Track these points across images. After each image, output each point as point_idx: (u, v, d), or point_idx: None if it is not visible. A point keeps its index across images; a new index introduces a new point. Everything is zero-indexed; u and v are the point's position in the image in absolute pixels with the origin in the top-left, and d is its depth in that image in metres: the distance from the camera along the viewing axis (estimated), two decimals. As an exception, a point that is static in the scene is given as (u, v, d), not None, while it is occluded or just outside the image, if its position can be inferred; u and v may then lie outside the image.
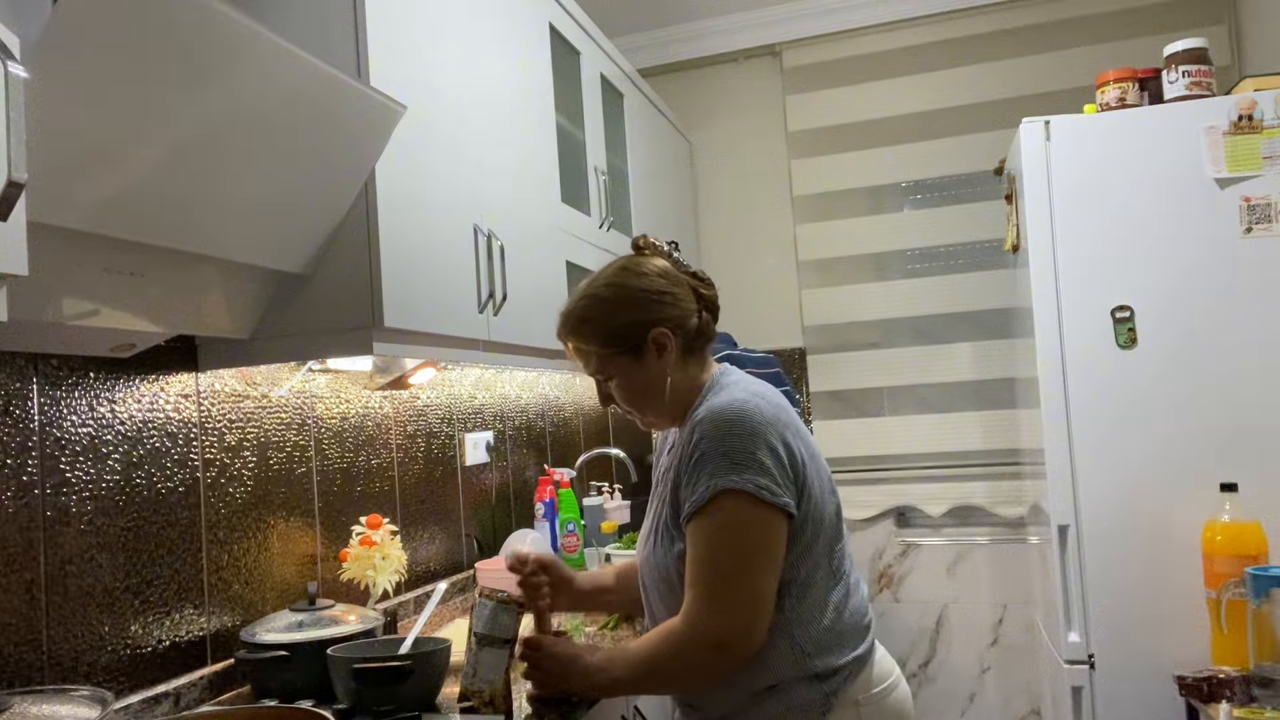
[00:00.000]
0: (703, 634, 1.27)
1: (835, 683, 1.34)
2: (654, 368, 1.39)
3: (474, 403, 2.71)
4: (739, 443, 1.27)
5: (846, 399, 3.66)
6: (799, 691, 1.33)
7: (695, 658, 1.28)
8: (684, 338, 1.41)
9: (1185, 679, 2.08)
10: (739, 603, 1.26)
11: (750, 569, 1.27)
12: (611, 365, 1.40)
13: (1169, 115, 2.34)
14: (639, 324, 1.38)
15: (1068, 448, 2.36)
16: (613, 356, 1.40)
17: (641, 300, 1.39)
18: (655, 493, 1.49)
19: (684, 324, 1.40)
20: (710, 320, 1.45)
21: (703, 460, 1.28)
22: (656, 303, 1.39)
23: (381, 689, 1.47)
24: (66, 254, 1.23)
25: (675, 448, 1.41)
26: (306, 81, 1.40)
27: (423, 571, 2.38)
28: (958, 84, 3.57)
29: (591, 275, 1.47)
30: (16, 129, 0.90)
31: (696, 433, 1.31)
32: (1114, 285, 2.35)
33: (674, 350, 1.39)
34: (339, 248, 1.65)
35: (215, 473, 1.75)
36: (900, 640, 3.54)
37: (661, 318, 1.39)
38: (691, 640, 1.28)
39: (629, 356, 1.39)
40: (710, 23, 3.84)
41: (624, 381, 1.41)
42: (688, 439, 1.33)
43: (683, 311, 1.41)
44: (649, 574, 1.43)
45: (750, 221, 3.85)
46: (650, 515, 1.48)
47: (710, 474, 1.27)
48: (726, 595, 1.27)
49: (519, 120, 2.30)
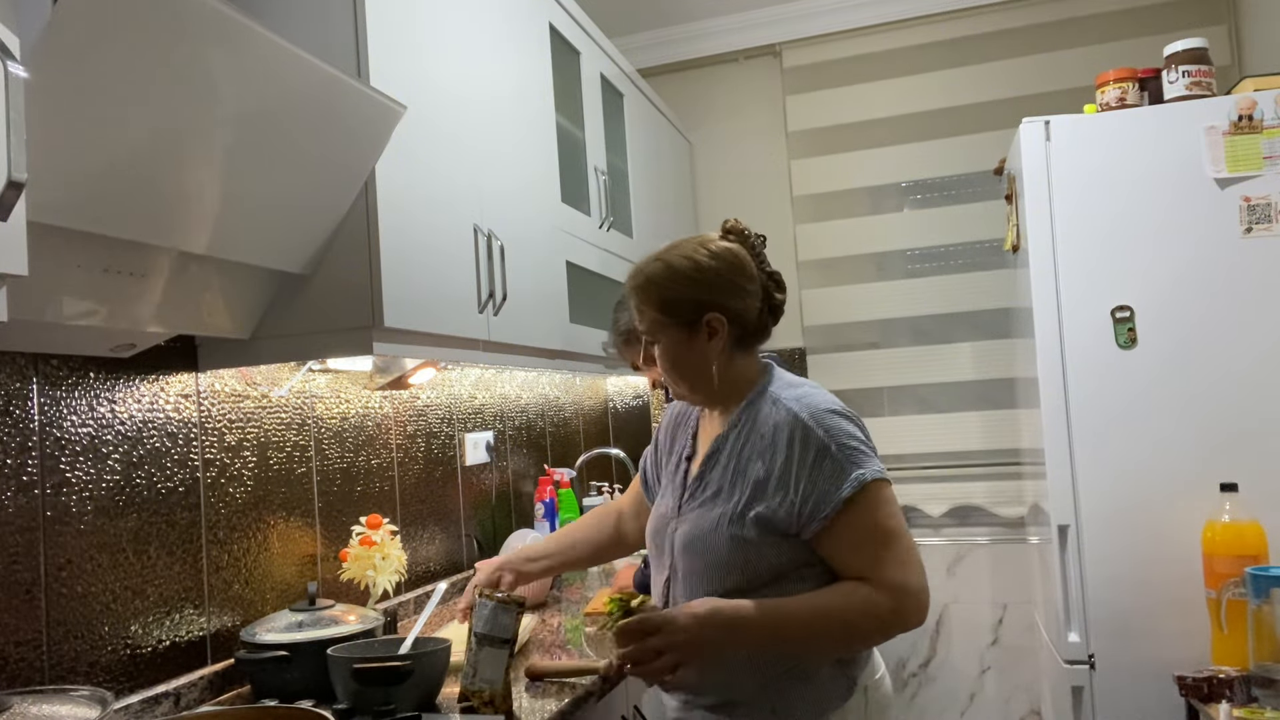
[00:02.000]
0: (904, 591, 1.31)
1: (855, 668, 1.40)
2: (701, 348, 1.42)
3: (474, 403, 2.71)
4: (852, 440, 1.36)
5: (847, 399, 3.61)
6: (824, 676, 1.38)
7: (892, 613, 1.32)
8: (738, 330, 1.44)
9: (1185, 679, 2.08)
10: (919, 565, 1.35)
11: (910, 538, 1.36)
12: (662, 332, 1.44)
13: (1169, 115, 2.34)
14: (699, 303, 1.41)
15: (1068, 448, 2.36)
16: (665, 325, 1.43)
17: (709, 281, 1.42)
18: (707, 477, 1.46)
19: (742, 317, 1.43)
20: (771, 322, 1.49)
21: (829, 458, 1.34)
22: (722, 289, 1.42)
23: (381, 689, 1.47)
24: (66, 254, 1.23)
25: (740, 440, 1.42)
26: (306, 81, 1.40)
27: (423, 571, 2.38)
28: (958, 84, 3.57)
29: (676, 241, 1.49)
30: (16, 129, 0.90)
31: (800, 431, 1.36)
32: (1114, 285, 2.35)
33: (724, 338, 1.42)
34: (339, 248, 1.66)
35: (215, 473, 1.75)
36: (900, 640, 3.52)
37: (722, 304, 1.42)
38: (897, 595, 1.31)
39: (681, 329, 1.43)
40: (710, 23, 3.84)
41: (668, 351, 1.45)
42: (788, 441, 1.36)
43: (745, 305, 1.43)
44: (692, 544, 1.41)
45: (750, 221, 3.78)
46: (690, 494, 1.47)
47: (845, 468, 1.33)
48: (911, 559, 1.34)
49: (519, 120, 2.30)
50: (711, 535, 1.39)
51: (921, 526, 3.57)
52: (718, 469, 1.44)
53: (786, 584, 1.36)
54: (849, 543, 1.34)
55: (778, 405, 1.40)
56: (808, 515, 1.33)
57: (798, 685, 1.37)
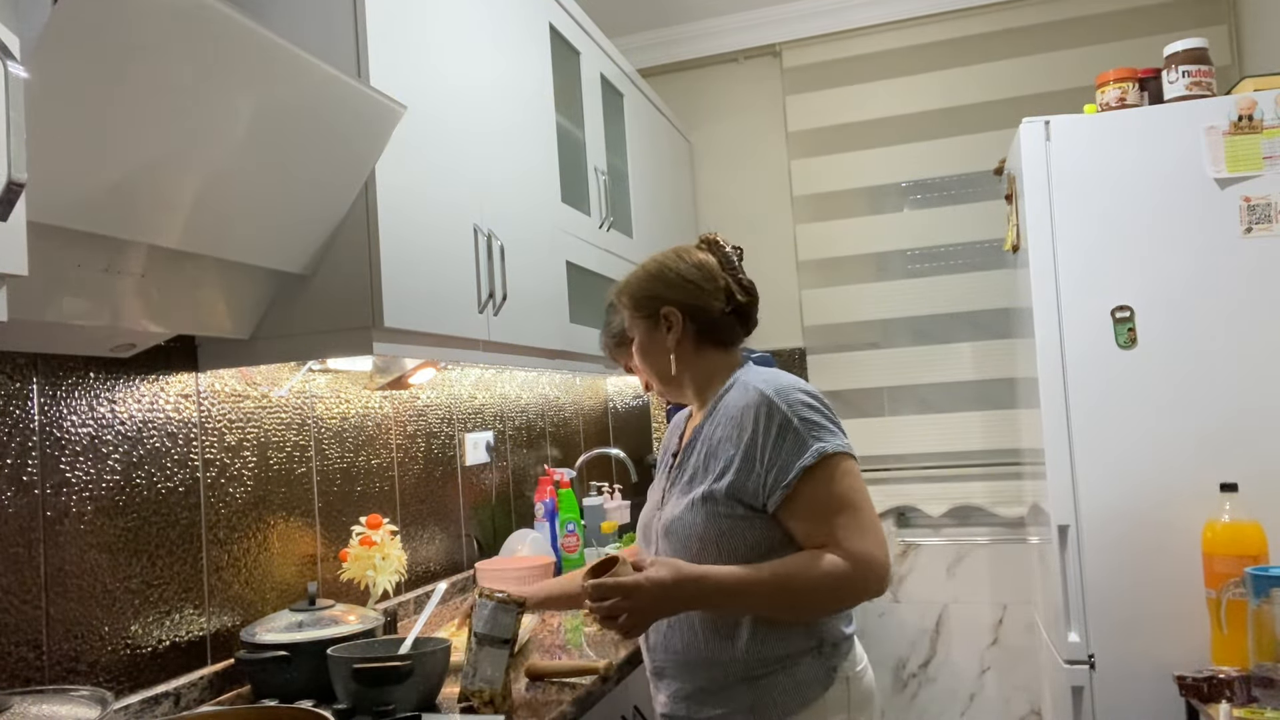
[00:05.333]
0: (864, 559, 1.36)
1: (836, 658, 1.44)
2: (660, 339, 1.56)
3: (474, 403, 2.71)
4: (815, 415, 1.43)
5: (846, 399, 3.66)
6: (804, 665, 1.42)
7: (851, 580, 1.36)
8: (697, 325, 1.55)
9: (1185, 679, 2.08)
10: (880, 536, 1.40)
11: (873, 510, 1.42)
12: (634, 326, 1.61)
13: (1169, 115, 2.34)
14: (658, 298, 1.56)
15: (1068, 448, 2.36)
16: (635, 319, 1.60)
17: (670, 280, 1.56)
18: (685, 464, 1.54)
19: (699, 314, 1.54)
20: (734, 321, 1.57)
21: (791, 431, 1.40)
22: (679, 286, 1.55)
23: (381, 689, 1.47)
24: (66, 254, 1.23)
25: (713, 426, 1.50)
26: (306, 81, 1.40)
27: (423, 571, 2.38)
28: (958, 84, 3.57)
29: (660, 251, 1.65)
30: (16, 129, 0.90)
31: (765, 407, 1.42)
32: (1114, 285, 2.35)
33: (680, 331, 1.55)
34: (339, 248, 1.66)
35: (215, 473, 1.75)
36: (900, 640, 3.54)
37: (678, 300, 1.55)
38: (857, 563, 1.36)
39: (646, 322, 1.58)
40: (710, 23, 3.84)
41: (638, 345, 1.61)
42: (754, 418, 1.42)
43: (703, 303, 1.55)
44: (672, 526, 1.48)
45: (750, 221, 3.85)
46: (672, 483, 1.55)
47: (806, 440, 1.40)
48: (871, 529, 1.39)
49: (519, 120, 2.30)
50: (688, 515, 1.45)
51: (921, 526, 3.57)
52: (694, 456, 1.51)
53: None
54: (810, 512, 1.39)
55: (747, 389, 1.48)
56: (770, 485, 1.40)
57: (778, 675, 1.41)
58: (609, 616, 1.34)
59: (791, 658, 1.42)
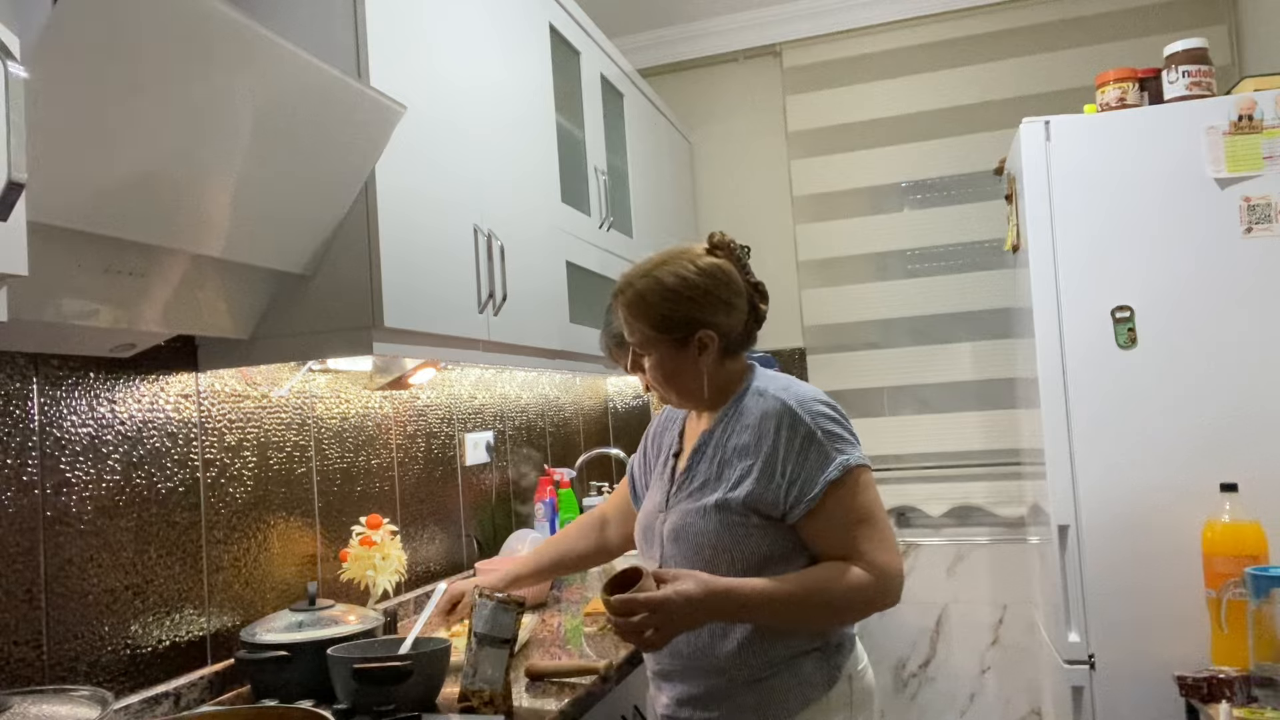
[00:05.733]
0: (886, 571, 1.38)
1: (840, 657, 1.45)
2: (692, 361, 1.47)
3: (474, 403, 2.71)
4: (836, 426, 1.42)
5: (847, 399, 3.66)
6: (809, 665, 1.42)
7: (875, 591, 1.37)
8: (727, 342, 1.48)
9: (1185, 679, 2.08)
10: (898, 551, 1.42)
11: (889, 522, 1.44)
12: (653, 346, 1.49)
13: (1169, 115, 2.34)
14: (691, 320, 1.46)
15: (1068, 448, 2.36)
16: (656, 340, 1.48)
17: (700, 299, 1.46)
18: (694, 469, 1.50)
19: (731, 332, 1.48)
20: (756, 330, 1.54)
21: (815, 444, 1.39)
22: (712, 305, 1.46)
23: (381, 689, 1.47)
24: (66, 254, 1.23)
25: (726, 432, 1.47)
26: (306, 81, 1.40)
27: (423, 571, 2.38)
28: (958, 84, 3.57)
29: (661, 253, 1.52)
30: (16, 129, 0.90)
31: (788, 418, 1.41)
32: (1114, 285, 2.34)
33: (714, 351, 1.47)
34: (339, 248, 1.66)
35: (215, 473, 1.75)
36: (900, 640, 3.54)
37: (712, 321, 1.46)
38: (880, 575, 1.37)
39: (672, 344, 1.47)
40: (710, 23, 3.84)
41: (659, 363, 1.49)
42: (775, 428, 1.41)
43: (734, 320, 1.48)
44: (681, 532, 1.45)
45: (750, 221, 3.85)
46: (677, 486, 1.51)
47: (830, 454, 1.39)
48: (890, 540, 1.40)
49: (519, 120, 2.30)
50: (700, 522, 1.43)
51: (921, 526, 3.57)
52: (704, 462, 1.49)
53: (773, 570, 1.39)
54: (834, 525, 1.39)
55: (765, 396, 1.45)
56: (794, 498, 1.38)
57: (783, 675, 1.41)
58: (634, 630, 1.30)
59: (796, 658, 1.42)
